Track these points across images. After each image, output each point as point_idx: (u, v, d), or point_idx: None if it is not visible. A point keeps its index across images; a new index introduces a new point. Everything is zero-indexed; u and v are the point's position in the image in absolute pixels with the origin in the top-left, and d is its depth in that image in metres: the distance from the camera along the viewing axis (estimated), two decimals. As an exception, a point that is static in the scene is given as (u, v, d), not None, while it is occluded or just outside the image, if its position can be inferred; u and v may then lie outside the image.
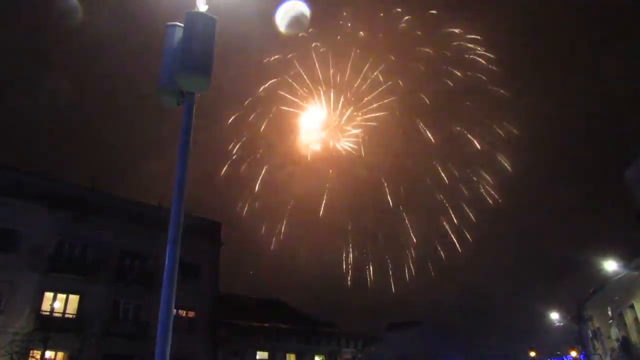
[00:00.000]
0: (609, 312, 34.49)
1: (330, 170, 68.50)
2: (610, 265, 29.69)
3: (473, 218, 67.19)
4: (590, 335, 40.38)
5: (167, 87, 4.15)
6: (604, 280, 33.39)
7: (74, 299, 28.74)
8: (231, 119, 69.32)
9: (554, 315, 48.34)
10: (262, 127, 67.64)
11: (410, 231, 66.44)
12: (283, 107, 68.10)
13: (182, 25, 4.28)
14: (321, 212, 65.68)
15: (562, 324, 48.36)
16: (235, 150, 68.49)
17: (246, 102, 67.59)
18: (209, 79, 4.05)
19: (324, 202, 66.50)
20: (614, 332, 33.11)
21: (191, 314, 33.22)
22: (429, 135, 68.80)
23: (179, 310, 32.68)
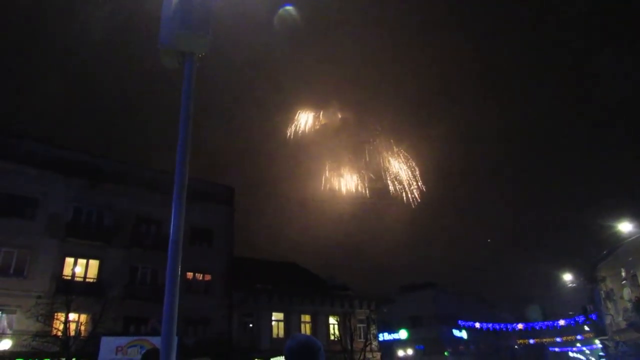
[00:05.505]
0: (622, 273, 34.47)
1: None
2: (625, 227, 29.52)
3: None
4: (603, 296, 40.49)
5: (167, 47, 4.07)
6: (618, 242, 33.25)
7: (93, 264, 29.51)
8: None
9: (567, 277, 48.48)
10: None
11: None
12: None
13: (181, -18, 4.16)
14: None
15: (574, 284, 48.55)
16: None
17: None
18: (208, 39, 3.96)
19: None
20: (627, 293, 33.12)
21: (207, 277, 33.94)
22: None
23: (196, 274, 33.42)
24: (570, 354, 75.04)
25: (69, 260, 28.70)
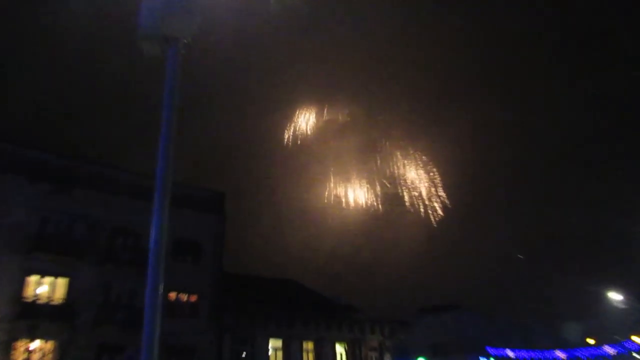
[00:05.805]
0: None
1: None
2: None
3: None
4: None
5: (148, 32, 4.09)
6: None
7: (62, 282, 29.49)
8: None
9: (615, 296, 47.76)
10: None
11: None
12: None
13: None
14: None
15: (626, 306, 47.93)
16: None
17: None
18: (195, 22, 3.98)
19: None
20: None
21: (193, 297, 33.91)
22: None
23: (180, 294, 33.40)
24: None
25: (33, 279, 28.66)
